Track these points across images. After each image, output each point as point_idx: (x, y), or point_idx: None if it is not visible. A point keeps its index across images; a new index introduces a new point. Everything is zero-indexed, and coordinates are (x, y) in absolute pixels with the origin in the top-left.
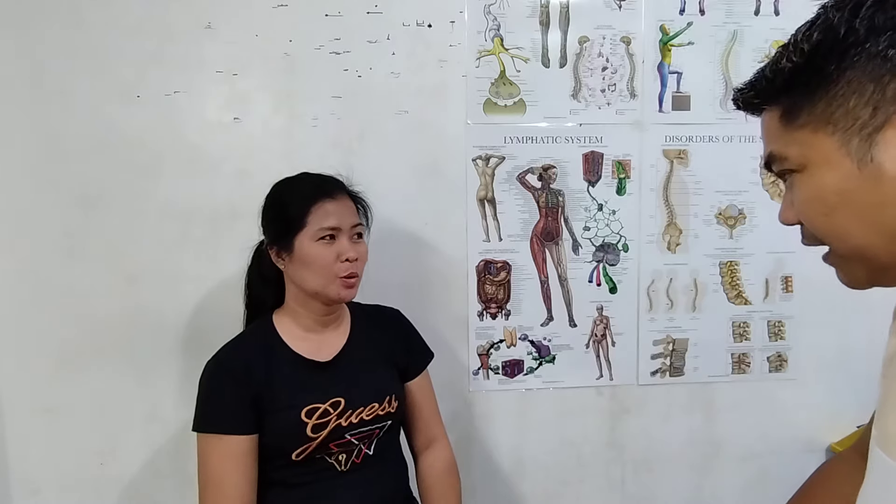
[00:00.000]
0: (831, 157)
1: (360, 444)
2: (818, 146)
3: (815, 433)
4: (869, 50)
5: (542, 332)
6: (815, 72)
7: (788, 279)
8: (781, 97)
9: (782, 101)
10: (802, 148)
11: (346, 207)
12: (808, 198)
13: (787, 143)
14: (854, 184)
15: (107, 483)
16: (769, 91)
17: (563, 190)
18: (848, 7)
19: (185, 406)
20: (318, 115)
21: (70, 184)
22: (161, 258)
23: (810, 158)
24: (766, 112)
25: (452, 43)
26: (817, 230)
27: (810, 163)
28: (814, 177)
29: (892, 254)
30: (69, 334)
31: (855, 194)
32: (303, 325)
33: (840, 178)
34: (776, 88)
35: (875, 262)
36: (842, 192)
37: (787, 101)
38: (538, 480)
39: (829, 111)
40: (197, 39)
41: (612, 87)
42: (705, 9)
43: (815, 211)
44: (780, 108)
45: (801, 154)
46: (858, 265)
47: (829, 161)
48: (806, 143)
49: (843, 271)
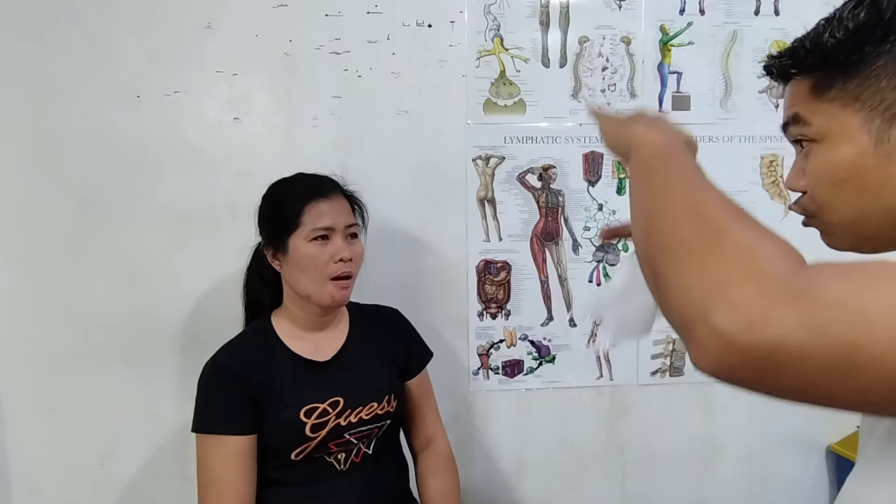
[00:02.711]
0: (852, 132)
1: (360, 443)
2: (843, 120)
3: (815, 433)
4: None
5: (542, 332)
6: (854, 50)
7: None
8: (817, 69)
9: (816, 73)
10: (827, 120)
11: (340, 207)
12: (821, 167)
13: (812, 111)
14: (867, 161)
15: (107, 483)
16: (806, 62)
17: (563, 190)
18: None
19: (185, 406)
20: (318, 115)
21: (70, 184)
22: (161, 258)
23: (832, 131)
24: (796, 81)
25: (452, 43)
26: (820, 198)
27: (831, 135)
28: (832, 148)
29: (880, 226)
30: (69, 334)
31: (865, 170)
32: (301, 325)
33: (855, 154)
34: (814, 60)
35: (862, 231)
36: (854, 167)
37: (821, 73)
38: (538, 480)
39: (859, 89)
40: (197, 39)
41: (612, 87)
42: (705, 9)
43: (823, 180)
44: (812, 80)
45: (825, 125)
46: (847, 232)
47: (849, 136)
48: (831, 116)
49: (829, 236)
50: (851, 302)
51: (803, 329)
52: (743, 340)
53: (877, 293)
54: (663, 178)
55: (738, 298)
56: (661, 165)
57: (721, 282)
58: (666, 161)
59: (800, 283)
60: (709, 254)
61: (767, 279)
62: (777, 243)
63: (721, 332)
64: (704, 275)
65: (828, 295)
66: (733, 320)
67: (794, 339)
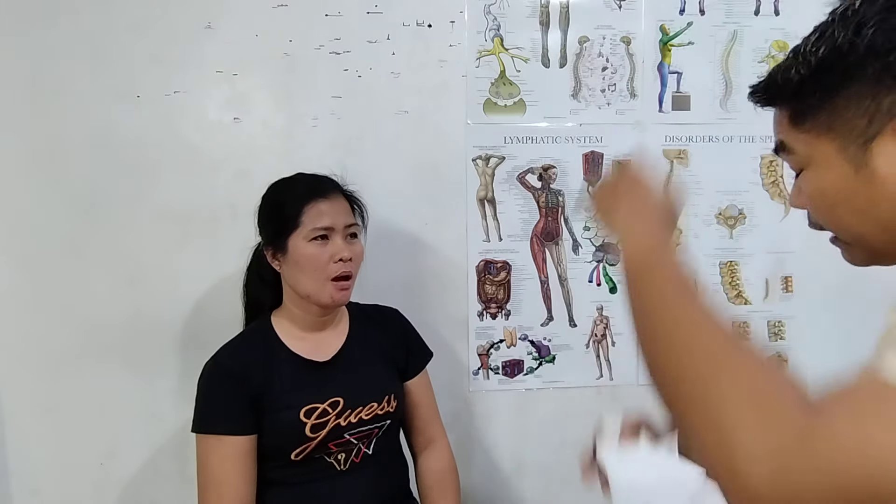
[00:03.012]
0: (831, 160)
1: (360, 443)
2: (820, 149)
3: None
4: (868, 68)
5: (542, 332)
6: (819, 85)
7: (788, 279)
8: (790, 102)
9: (791, 105)
10: (807, 148)
11: (340, 207)
12: (812, 192)
13: (795, 139)
14: (851, 185)
15: (107, 483)
16: (779, 96)
17: (563, 190)
18: (851, 25)
19: (185, 406)
20: (318, 115)
21: (70, 184)
22: (161, 258)
23: (814, 158)
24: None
25: (452, 43)
26: (821, 220)
27: (814, 162)
28: (817, 174)
29: (886, 243)
30: (69, 334)
31: (852, 193)
32: (301, 326)
33: (839, 179)
34: (785, 95)
35: (873, 248)
36: (840, 190)
37: (795, 105)
38: (538, 480)
39: (830, 120)
40: (197, 39)
41: (612, 87)
42: (705, 9)
43: (818, 204)
44: (788, 111)
45: (807, 153)
46: (860, 249)
47: (829, 163)
48: (810, 145)
49: (847, 253)
50: (865, 446)
51: (822, 474)
52: (767, 491)
53: (886, 429)
54: (653, 299)
55: (755, 449)
56: (648, 281)
57: (734, 431)
58: (651, 277)
59: (811, 424)
60: (716, 401)
61: (779, 424)
62: (779, 378)
63: (746, 487)
64: (716, 427)
65: (840, 439)
66: (754, 473)
67: (815, 484)
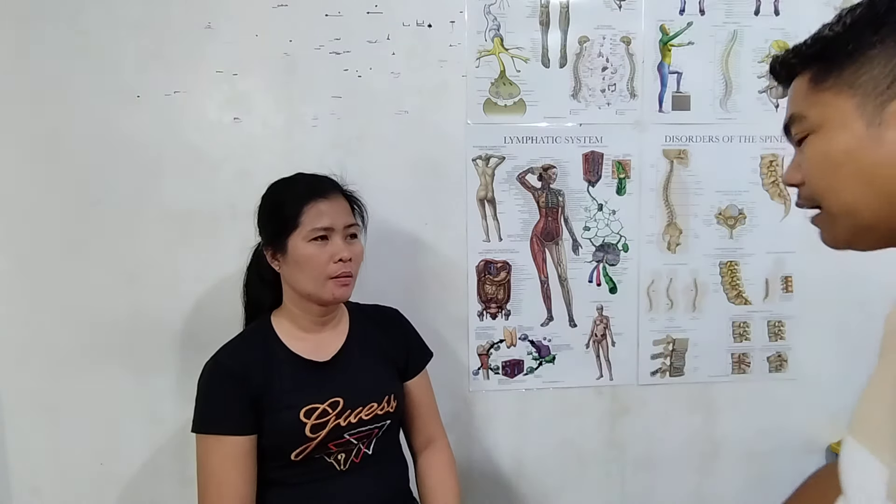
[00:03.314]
0: (847, 117)
1: (360, 443)
2: (838, 107)
3: (815, 433)
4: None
5: (542, 332)
6: (850, 41)
7: (788, 279)
8: (816, 61)
9: (816, 64)
10: (824, 108)
11: (339, 207)
12: (818, 155)
13: (810, 104)
14: (860, 143)
15: (107, 483)
16: (807, 54)
17: (563, 190)
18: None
19: (185, 406)
20: (318, 115)
21: (70, 184)
22: (161, 258)
23: (828, 118)
24: (797, 78)
25: (452, 43)
26: (818, 186)
27: (827, 122)
28: (827, 135)
29: (877, 214)
30: (69, 334)
31: (859, 153)
32: (301, 326)
33: (849, 138)
34: (814, 52)
35: (860, 220)
36: (848, 150)
37: (820, 64)
38: (538, 480)
39: (854, 76)
40: (197, 39)
41: (612, 87)
42: (705, 9)
43: (820, 168)
44: (811, 72)
45: (821, 114)
46: (844, 223)
47: (843, 121)
48: (828, 104)
49: (827, 230)
50: None
51: None
52: None
53: None
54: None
55: None
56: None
57: None
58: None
59: None
60: None
61: None
62: None
63: None
64: None
65: None
66: None
67: None
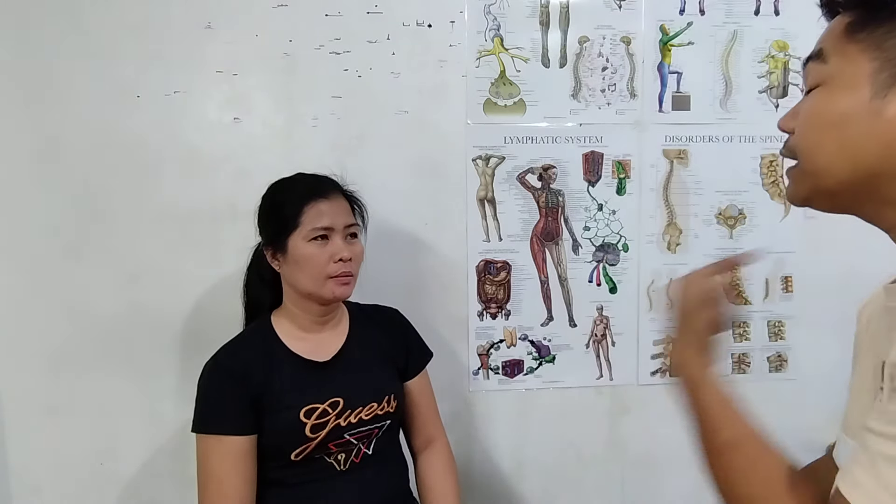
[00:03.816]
0: (859, 80)
1: (359, 443)
2: (857, 65)
3: (815, 433)
4: None
5: (542, 332)
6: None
7: (788, 279)
8: (860, 6)
9: (858, 11)
10: (844, 62)
11: (339, 207)
12: (814, 109)
13: (837, 50)
14: (858, 110)
15: (107, 483)
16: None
17: (563, 190)
18: None
19: (185, 406)
20: (318, 115)
21: (70, 184)
22: (161, 258)
23: (843, 73)
24: (838, 17)
25: (452, 43)
26: (803, 140)
27: (839, 78)
28: (832, 93)
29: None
30: (69, 334)
31: (852, 122)
32: (301, 326)
33: (851, 102)
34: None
35: (825, 184)
36: (844, 114)
37: (861, 12)
38: (538, 480)
39: (884, 38)
40: (197, 39)
41: (612, 87)
42: (705, 9)
43: (812, 122)
44: (851, 17)
45: (839, 66)
46: (810, 182)
47: (854, 82)
48: (849, 59)
49: (794, 184)
50: None
51: None
52: None
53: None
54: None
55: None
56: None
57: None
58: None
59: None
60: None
61: None
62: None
63: None
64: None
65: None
66: None
67: None
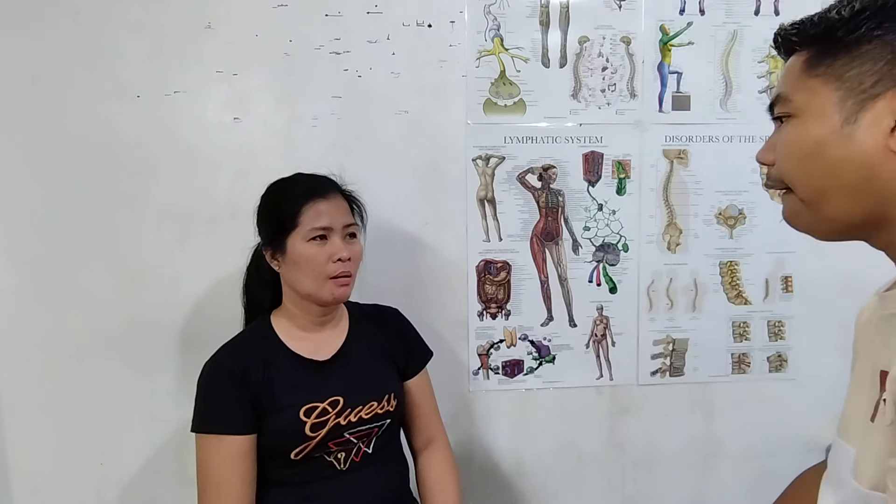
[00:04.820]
0: (826, 109)
1: (360, 442)
2: (822, 97)
3: (815, 433)
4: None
5: (542, 332)
6: (853, 29)
7: (788, 279)
8: (816, 43)
9: (814, 46)
10: (808, 95)
11: (338, 207)
12: (791, 141)
13: (798, 88)
14: (832, 138)
15: (107, 483)
16: (809, 33)
17: (563, 190)
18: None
19: (185, 406)
20: (318, 115)
21: (69, 183)
22: (161, 258)
23: (810, 106)
24: (795, 55)
25: (452, 43)
26: (787, 170)
27: (808, 110)
28: (804, 124)
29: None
30: (69, 334)
31: (828, 147)
32: (300, 325)
33: (823, 130)
34: (816, 32)
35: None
36: (819, 142)
37: (818, 48)
38: (538, 480)
39: (844, 69)
40: (197, 39)
41: (612, 87)
42: (705, 9)
43: (791, 154)
44: (808, 54)
45: (805, 101)
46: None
47: (822, 113)
48: (813, 92)
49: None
50: None
51: None
52: None
53: None
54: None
55: None
56: None
57: None
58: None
59: None
60: None
61: None
62: None
63: None
64: None
65: None
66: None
67: None
